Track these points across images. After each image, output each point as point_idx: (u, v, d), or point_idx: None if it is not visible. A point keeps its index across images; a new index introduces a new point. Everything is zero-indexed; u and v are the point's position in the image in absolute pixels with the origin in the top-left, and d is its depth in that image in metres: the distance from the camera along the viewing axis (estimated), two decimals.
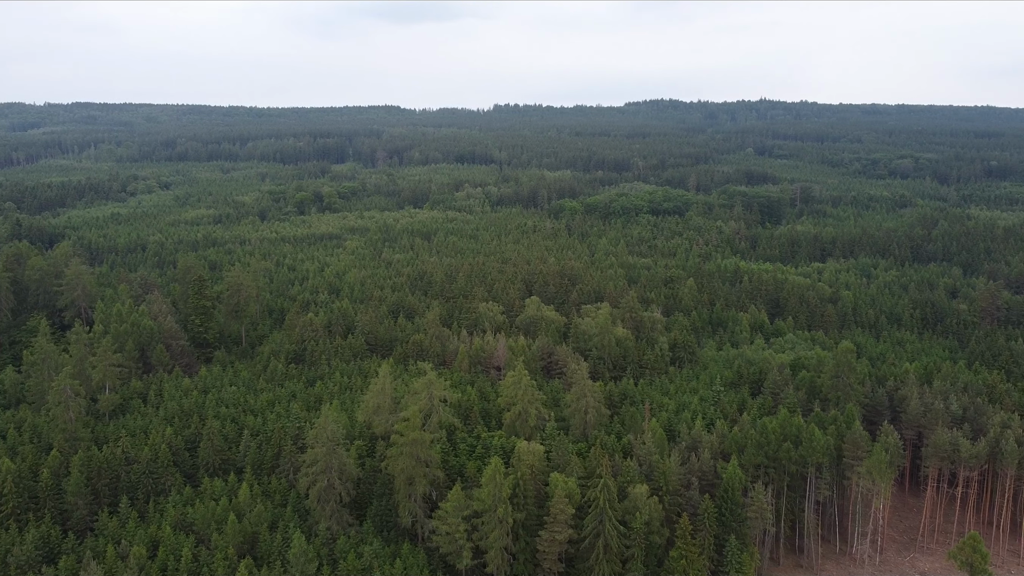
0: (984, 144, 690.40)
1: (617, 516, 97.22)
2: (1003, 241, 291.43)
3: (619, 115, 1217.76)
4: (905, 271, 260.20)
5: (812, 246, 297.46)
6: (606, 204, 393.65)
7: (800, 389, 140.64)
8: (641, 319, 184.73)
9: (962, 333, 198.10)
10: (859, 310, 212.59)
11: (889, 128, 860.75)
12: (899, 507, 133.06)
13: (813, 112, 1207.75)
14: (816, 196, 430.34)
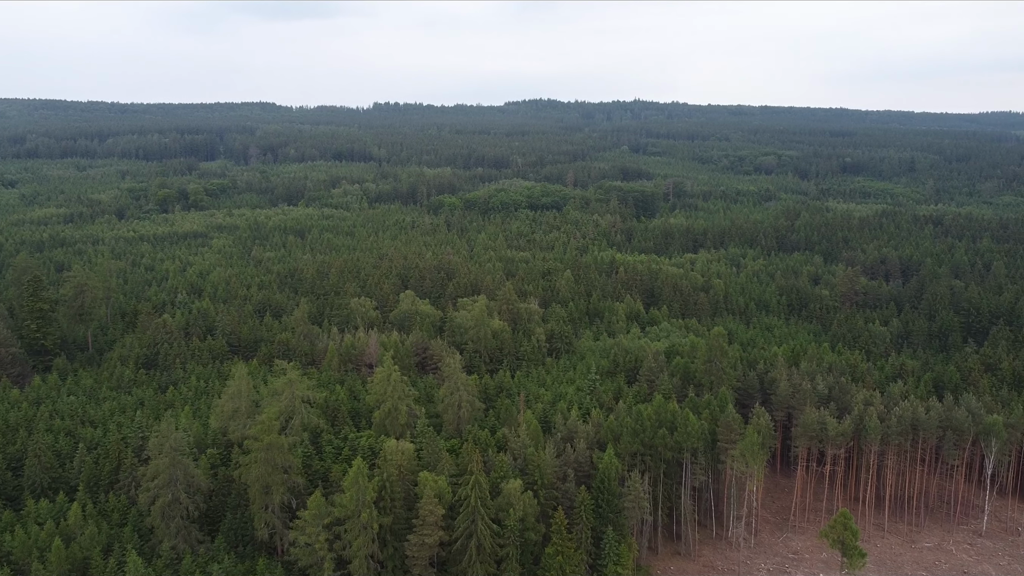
0: (839, 142, 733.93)
1: (490, 514, 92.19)
2: (859, 230, 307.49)
3: (499, 114, 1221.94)
4: (771, 260, 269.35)
5: (685, 238, 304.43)
6: (485, 200, 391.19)
7: (675, 375, 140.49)
8: (518, 311, 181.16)
9: (825, 317, 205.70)
10: (730, 298, 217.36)
11: (754, 127, 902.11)
12: (772, 488, 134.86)
13: (684, 112, 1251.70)
14: (688, 191, 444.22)
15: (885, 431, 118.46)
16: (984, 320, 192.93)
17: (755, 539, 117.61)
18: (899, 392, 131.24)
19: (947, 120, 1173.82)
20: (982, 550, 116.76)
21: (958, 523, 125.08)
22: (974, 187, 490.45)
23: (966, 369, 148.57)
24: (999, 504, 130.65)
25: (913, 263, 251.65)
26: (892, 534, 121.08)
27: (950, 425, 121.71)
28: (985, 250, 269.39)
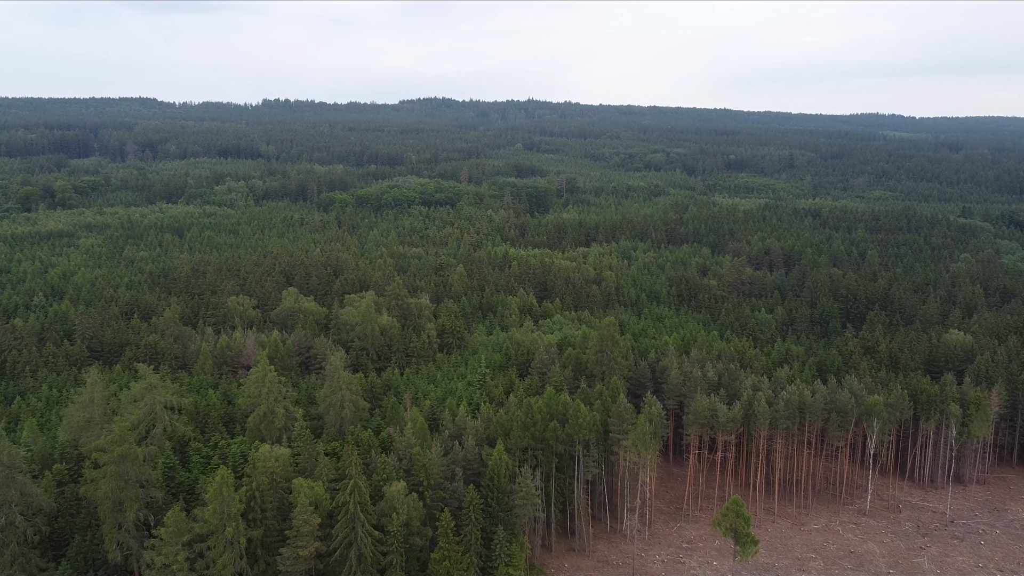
0: (724, 141, 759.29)
1: (371, 520, 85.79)
2: (743, 223, 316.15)
3: (393, 112, 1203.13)
4: (661, 252, 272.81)
5: (577, 232, 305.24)
6: (378, 196, 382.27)
7: (567, 367, 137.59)
8: (408, 306, 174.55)
9: (713, 306, 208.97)
10: (621, 289, 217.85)
11: (644, 126, 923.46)
12: (665, 478, 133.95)
13: (576, 112, 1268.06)
14: (581, 187, 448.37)
15: (773, 415, 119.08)
16: (861, 306, 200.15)
17: (649, 530, 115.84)
18: (785, 377, 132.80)
19: (822, 121, 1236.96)
20: (867, 529, 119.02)
21: (844, 504, 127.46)
22: (848, 182, 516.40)
23: (847, 353, 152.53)
24: (881, 483, 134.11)
25: (795, 253, 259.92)
26: (782, 518, 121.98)
27: (834, 407, 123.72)
28: (860, 240, 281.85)
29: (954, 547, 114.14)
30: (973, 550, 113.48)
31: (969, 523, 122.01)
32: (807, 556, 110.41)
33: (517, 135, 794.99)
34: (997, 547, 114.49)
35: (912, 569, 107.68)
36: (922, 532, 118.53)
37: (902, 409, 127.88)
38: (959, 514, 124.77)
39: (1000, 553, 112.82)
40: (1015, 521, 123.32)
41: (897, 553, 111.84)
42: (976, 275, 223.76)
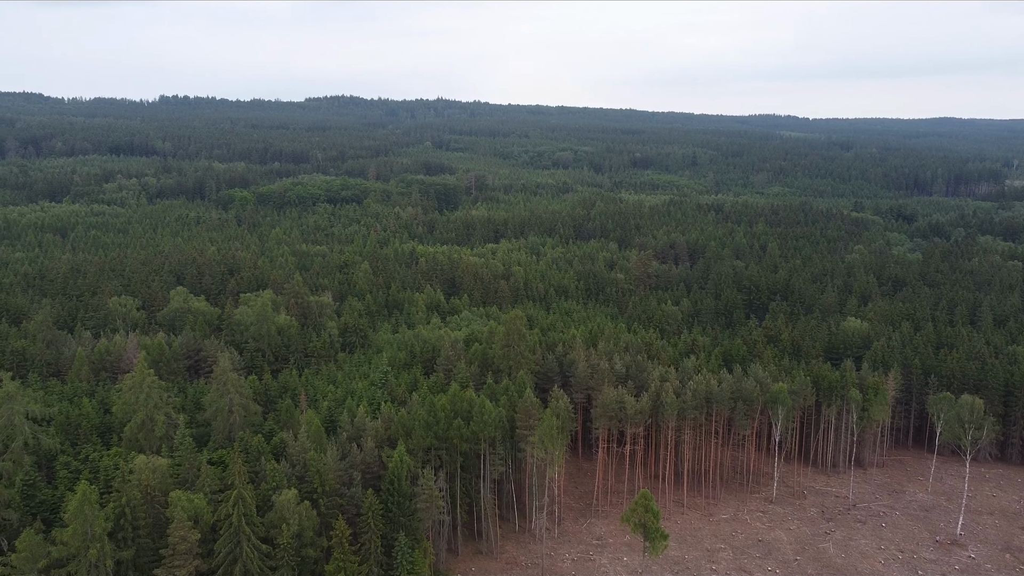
0: (629, 139, 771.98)
1: (259, 533, 79.07)
2: (649, 218, 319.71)
3: (300, 110, 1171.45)
4: (570, 248, 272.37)
5: (486, 228, 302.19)
6: (281, 194, 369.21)
7: (473, 363, 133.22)
8: (308, 304, 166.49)
9: (621, 300, 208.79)
10: (530, 284, 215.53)
11: (552, 126, 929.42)
12: (575, 473, 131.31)
13: (486, 111, 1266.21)
14: (490, 184, 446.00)
15: (681, 406, 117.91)
16: (763, 296, 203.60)
17: (559, 528, 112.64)
18: (692, 367, 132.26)
19: (722, 121, 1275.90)
20: (773, 516, 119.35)
21: (751, 492, 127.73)
22: (748, 179, 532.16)
23: (751, 342, 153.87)
24: (786, 470, 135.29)
25: (699, 246, 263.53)
26: (691, 509, 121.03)
27: (740, 396, 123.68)
28: (761, 233, 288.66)
29: (857, 530, 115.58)
30: (875, 532, 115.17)
31: (870, 506, 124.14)
32: (716, 547, 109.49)
33: (426, 133, 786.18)
34: (897, 528, 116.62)
35: (818, 555, 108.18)
36: (826, 517, 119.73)
37: (805, 396, 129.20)
38: (861, 497, 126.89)
39: (900, 534, 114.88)
40: (912, 502, 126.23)
41: (803, 539, 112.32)
42: (869, 265, 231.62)
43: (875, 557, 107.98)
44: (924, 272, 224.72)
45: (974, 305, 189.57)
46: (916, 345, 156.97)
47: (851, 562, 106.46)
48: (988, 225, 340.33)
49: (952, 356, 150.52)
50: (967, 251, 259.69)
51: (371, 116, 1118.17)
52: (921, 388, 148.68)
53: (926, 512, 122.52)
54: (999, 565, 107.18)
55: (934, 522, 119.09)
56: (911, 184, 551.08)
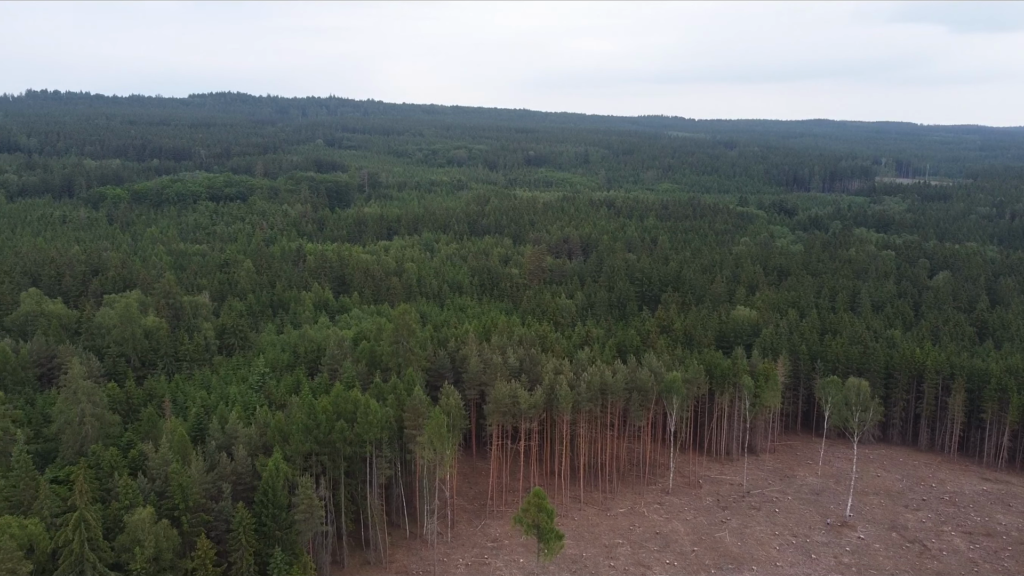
0: (523, 138, 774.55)
1: (107, 559, 69.97)
2: (543, 214, 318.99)
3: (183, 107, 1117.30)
4: (464, 244, 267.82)
5: (379, 225, 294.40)
6: (158, 191, 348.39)
7: (360, 361, 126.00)
8: (181, 305, 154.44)
9: (515, 294, 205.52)
10: (423, 281, 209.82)
11: (446, 124, 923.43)
12: (469, 473, 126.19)
13: (380, 110, 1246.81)
14: (383, 182, 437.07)
15: (576, 398, 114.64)
16: (655, 288, 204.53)
17: (452, 532, 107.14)
18: (587, 358, 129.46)
19: (613, 121, 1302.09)
20: (670, 508, 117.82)
21: (648, 484, 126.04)
22: (638, 176, 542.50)
23: (645, 332, 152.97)
24: (682, 460, 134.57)
25: (592, 240, 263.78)
26: (589, 504, 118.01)
27: (635, 386, 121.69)
28: (652, 227, 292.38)
29: (752, 517, 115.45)
30: (769, 518, 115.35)
31: (763, 492, 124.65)
32: (614, 542, 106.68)
33: (318, 131, 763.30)
34: (790, 513, 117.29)
35: (715, 544, 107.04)
36: (722, 505, 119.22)
37: (699, 384, 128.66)
38: (754, 484, 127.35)
39: (793, 519, 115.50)
40: (803, 486, 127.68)
41: (700, 529, 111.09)
42: (756, 256, 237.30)
43: (770, 543, 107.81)
44: (806, 262, 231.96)
45: (853, 292, 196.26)
46: (802, 331, 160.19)
47: (747, 550, 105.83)
48: (862, 218, 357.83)
49: (836, 341, 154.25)
50: (844, 242, 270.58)
51: (260, 114, 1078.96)
52: (808, 373, 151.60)
53: (816, 495, 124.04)
54: (887, 544, 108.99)
55: (825, 505, 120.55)
56: (791, 180, 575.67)
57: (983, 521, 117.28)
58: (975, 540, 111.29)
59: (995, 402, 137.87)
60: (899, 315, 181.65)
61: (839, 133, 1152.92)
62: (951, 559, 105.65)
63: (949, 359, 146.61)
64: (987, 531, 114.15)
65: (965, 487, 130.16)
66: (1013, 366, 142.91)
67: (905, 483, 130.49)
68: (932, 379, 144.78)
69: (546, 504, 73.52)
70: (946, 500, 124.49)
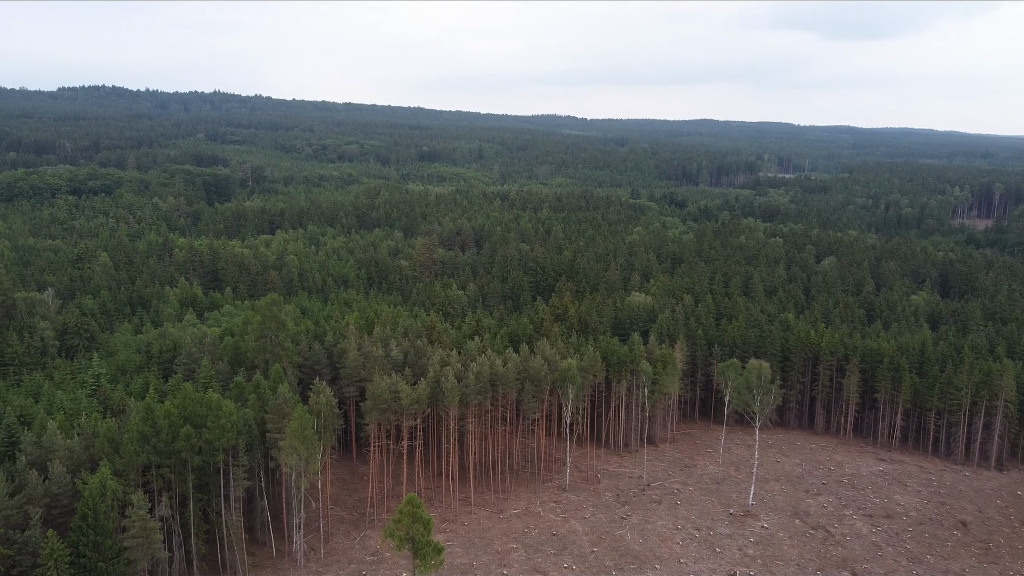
0: (418, 135, 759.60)
1: None
2: (436, 206, 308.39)
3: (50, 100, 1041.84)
4: (352, 237, 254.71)
5: (260, 219, 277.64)
6: (10, 185, 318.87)
7: (222, 359, 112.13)
8: (12, 302, 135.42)
9: (405, 287, 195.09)
10: (306, 275, 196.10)
11: (338, 121, 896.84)
12: (349, 479, 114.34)
13: (268, 106, 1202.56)
14: (269, 176, 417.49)
15: (464, 391, 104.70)
16: (550, 277, 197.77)
17: (326, 547, 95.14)
18: (476, 348, 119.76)
19: (507, 120, 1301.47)
20: (568, 506, 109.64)
21: (543, 481, 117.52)
22: (532, 171, 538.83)
23: (538, 320, 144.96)
24: (579, 454, 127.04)
25: (485, 232, 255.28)
26: (480, 507, 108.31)
27: (528, 375, 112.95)
28: (546, 219, 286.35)
29: (653, 511, 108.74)
30: (671, 511, 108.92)
31: (664, 484, 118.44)
32: (508, 547, 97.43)
33: (200, 126, 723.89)
34: (692, 505, 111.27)
35: (615, 543, 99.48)
36: (622, 500, 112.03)
37: (595, 372, 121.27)
38: (655, 476, 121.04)
39: (695, 511, 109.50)
40: (704, 475, 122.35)
41: (600, 528, 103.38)
42: (649, 244, 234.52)
43: (673, 538, 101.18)
44: (699, 249, 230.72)
45: (746, 278, 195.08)
46: (698, 316, 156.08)
47: (649, 547, 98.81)
48: (749, 209, 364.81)
49: (733, 325, 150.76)
50: (735, 230, 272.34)
51: (138, 108, 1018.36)
52: (706, 358, 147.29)
53: (718, 485, 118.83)
54: (791, 532, 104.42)
55: (726, 494, 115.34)
56: (680, 175, 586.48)
57: (883, 503, 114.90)
58: (877, 523, 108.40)
59: (888, 381, 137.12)
60: (791, 299, 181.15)
61: (724, 132, 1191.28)
62: (855, 544, 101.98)
63: (843, 340, 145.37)
64: (887, 513, 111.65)
65: (862, 468, 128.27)
66: (904, 345, 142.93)
67: (804, 467, 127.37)
68: (827, 360, 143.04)
69: (421, 513, 63.32)
70: (845, 483, 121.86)
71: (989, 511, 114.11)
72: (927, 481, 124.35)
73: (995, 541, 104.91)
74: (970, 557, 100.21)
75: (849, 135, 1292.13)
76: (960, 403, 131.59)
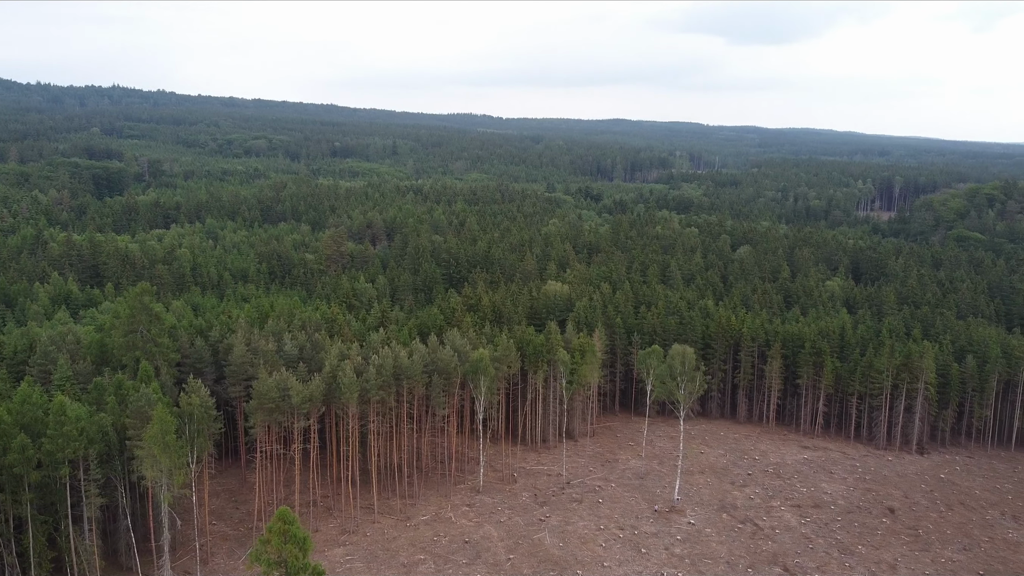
0: (330, 130, 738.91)
1: None
2: (346, 199, 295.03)
3: None
4: (255, 231, 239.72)
5: (154, 214, 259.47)
6: None
7: (85, 358, 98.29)
8: None
9: (310, 281, 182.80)
10: (200, 270, 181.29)
11: (247, 117, 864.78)
12: (237, 490, 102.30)
13: (172, 101, 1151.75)
14: (168, 171, 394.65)
15: (364, 386, 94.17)
16: (463, 268, 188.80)
17: (205, 568, 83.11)
18: (380, 340, 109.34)
19: (423, 119, 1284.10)
20: (482, 509, 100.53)
21: (455, 483, 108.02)
22: (448, 167, 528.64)
23: (449, 311, 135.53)
24: (494, 452, 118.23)
25: (398, 224, 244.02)
26: (385, 514, 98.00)
27: (436, 368, 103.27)
28: (460, 211, 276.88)
29: (574, 511, 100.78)
30: (592, 511, 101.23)
31: (585, 481, 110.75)
32: (415, 559, 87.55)
33: (96, 120, 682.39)
34: (615, 503, 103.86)
35: (533, 549, 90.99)
36: (540, 501, 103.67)
37: (510, 362, 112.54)
38: (575, 473, 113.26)
39: (619, 509, 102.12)
40: (626, 471, 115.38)
41: (516, 532, 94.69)
42: (565, 235, 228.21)
43: (595, 540, 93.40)
44: (616, 239, 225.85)
45: (664, 266, 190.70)
46: (617, 304, 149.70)
47: (570, 550, 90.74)
48: (664, 202, 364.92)
49: (652, 312, 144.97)
50: (650, 221, 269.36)
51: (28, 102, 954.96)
52: (625, 347, 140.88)
53: (641, 480, 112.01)
54: (718, 528, 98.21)
55: (651, 490, 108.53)
56: (595, 171, 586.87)
57: (810, 492, 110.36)
58: (805, 513, 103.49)
59: (810, 366, 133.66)
60: (709, 286, 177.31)
61: (637, 131, 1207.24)
62: (785, 537, 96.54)
63: (764, 325, 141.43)
64: (815, 502, 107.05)
65: (787, 457, 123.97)
66: (825, 329, 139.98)
67: (729, 458, 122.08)
68: (749, 346, 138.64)
69: (295, 530, 52.99)
70: (771, 472, 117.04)
71: (915, 496, 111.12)
72: (852, 467, 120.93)
73: (924, 527, 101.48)
74: (901, 545, 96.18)
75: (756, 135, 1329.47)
76: (881, 386, 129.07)
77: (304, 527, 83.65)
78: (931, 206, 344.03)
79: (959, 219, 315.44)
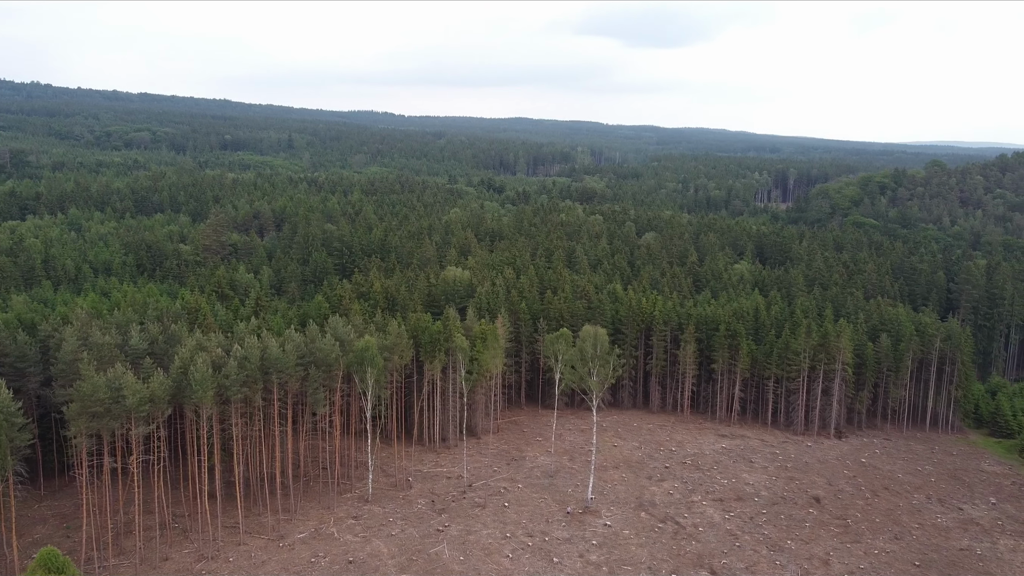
0: (221, 124, 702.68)
1: None
2: (232, 189, 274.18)
3: None
4: (126, 222, 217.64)
5: (8, 204, 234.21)
6: None
7: None
8: None
9: (184, 273, 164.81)
10: (54, 262, 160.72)
11: (130, 110, 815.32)
12: (72, 514, 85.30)
13: (48, 93, 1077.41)
14: (34, 162, 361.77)
15: (222, 382, 79.26)
16: (357, 257, 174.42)
17: None
18: (249, 330, 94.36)
19: (321, 115, 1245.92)
20: (370, 522, 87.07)
21: (340, 493, 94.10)
22: (346, 160, 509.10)
23: (336, 299, 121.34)
24: (386, 455, 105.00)
25: (288, 214, 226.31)
26: (253, 535, 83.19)
27: (314, 359, 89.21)
28: (357, 201, 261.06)
29: (476, 518, 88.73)
30: (497, 516, 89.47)
31: (489, 483, 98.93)
32: None
33: None
34: (523, 506, 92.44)
35: (430, 565, 78.39)
36: (438, 508, 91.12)
37: (402, 351, 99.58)
38: (477, 475, 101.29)
39: (527, 513, 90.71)
40: (535, 469, 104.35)
41: (410, 547, 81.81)
42: (467, 223, 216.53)
43: (501, 551, 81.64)
44: (519, 227, 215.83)
45: (569, 252, 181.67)
46: (521, 289, 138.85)
47: (472, 564, 78.67)
48: (567, 193, 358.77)
49: (559, 297, 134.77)
50: (554, 209, 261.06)
51: None
52: (531, 335, 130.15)
53: (551, 479, 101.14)
54: (637, 528, 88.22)
55: (562, 490, 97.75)
56: (498, 165, 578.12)
57: (731, 484, 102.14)
58: (728, 507, 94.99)
59: (726, 350, 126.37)
60: (617, 270, 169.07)
61: (538, 129, 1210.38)
62: (709, 535, 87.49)
63: (676, 308, 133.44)
64: (738, 495, 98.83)
65: (704, 447, 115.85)
66: (739, 311, 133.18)
67: (644, 451, 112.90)
68: (661, 330, 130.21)
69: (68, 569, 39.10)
70: (689, 464, 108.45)
71: (839, 483, 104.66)
72: (772, 455, 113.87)
73: (852, 516, 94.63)
74: (831, 538, 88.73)
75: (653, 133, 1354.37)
76: (799, 369, 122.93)
77: (150, 554, 68.52)
78: (827, 194, 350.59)
79: (854, 206, 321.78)
